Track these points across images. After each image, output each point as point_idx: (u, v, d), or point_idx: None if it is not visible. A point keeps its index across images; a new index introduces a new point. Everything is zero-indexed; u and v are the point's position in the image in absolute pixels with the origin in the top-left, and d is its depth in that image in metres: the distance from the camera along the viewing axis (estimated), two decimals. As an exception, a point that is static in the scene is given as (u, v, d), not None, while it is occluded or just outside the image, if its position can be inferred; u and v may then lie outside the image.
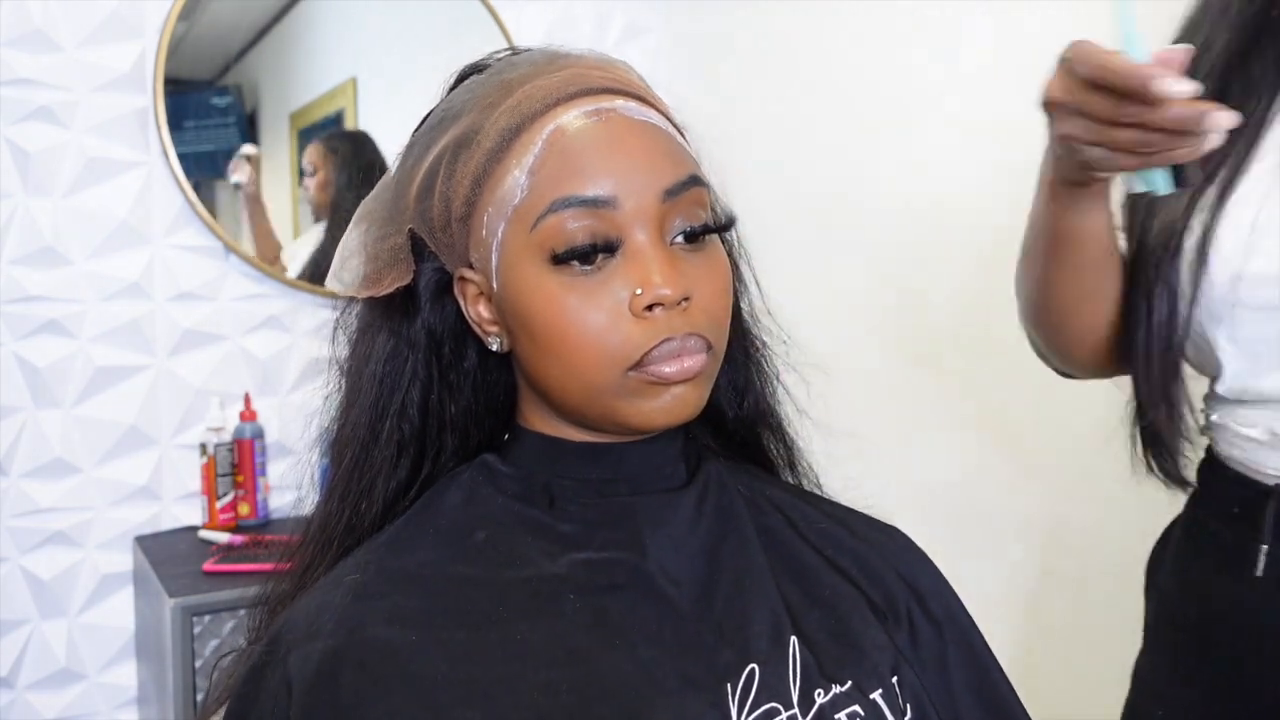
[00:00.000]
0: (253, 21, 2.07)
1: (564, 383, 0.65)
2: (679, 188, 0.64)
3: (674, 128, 0.69)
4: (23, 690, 1.88)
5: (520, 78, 0.66)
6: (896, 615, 0.70)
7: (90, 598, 1.92)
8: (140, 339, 1.93)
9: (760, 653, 0.63)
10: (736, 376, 0.76)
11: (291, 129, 2.12)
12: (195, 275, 1.97)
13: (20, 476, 1.86)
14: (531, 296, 0.63)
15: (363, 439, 0.70)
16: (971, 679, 0.72)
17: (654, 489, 0.69)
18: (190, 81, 2.00)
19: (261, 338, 2.04)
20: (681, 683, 0.61)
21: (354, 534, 0.70)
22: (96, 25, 1.86)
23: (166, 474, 1.98)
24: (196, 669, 1.65)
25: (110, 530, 1.93)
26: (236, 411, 1.98)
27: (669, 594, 0.65)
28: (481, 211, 0.65)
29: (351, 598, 0.63)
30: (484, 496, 0.69)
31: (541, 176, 0.63)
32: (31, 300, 1.84)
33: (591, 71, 0.67)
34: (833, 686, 0.63)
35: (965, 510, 1.74)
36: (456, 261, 0.68)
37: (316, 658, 0.61)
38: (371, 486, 0.70)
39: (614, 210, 0.62)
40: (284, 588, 0.72)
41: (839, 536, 0.73)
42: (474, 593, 0.64)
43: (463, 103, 0.67)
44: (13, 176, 1.82)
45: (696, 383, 0.64)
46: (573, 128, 0.63)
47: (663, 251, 0.63)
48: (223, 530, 1.92)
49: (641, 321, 0.62)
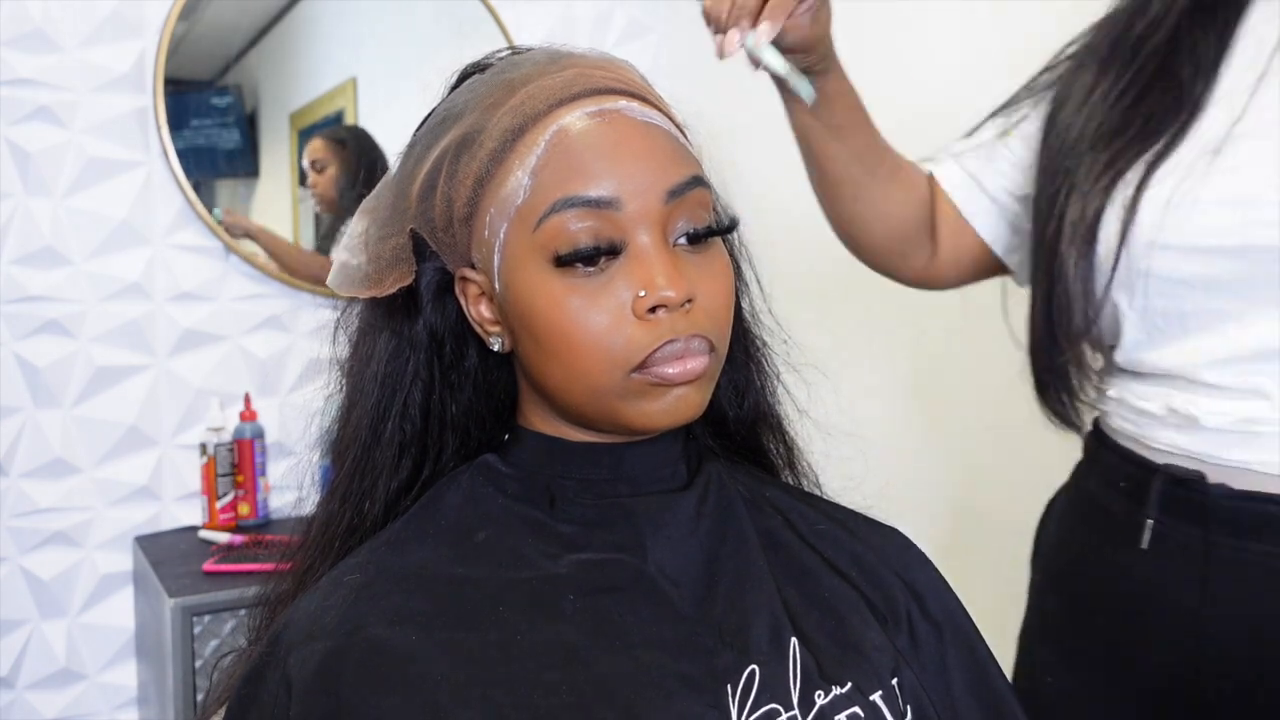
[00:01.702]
0: (253, 21, 2.07)
1: (566, 384, 0.65)
2: (682, 188, 0.64)
3: (676, 128, 0.69)
4: (23, 690, 1.88)
5: (523, 77, 0.66)
6: (896, 616, 0.70)
7: (90, 598, 1.92)
8: (140, 339, 1.93)
9: (760, 654, 0.63)
10: (737, 376, 0.76)
11: (291, 129, 2.12)
12: (195, 275, 1.97)
13: (20, 476, 1.86)
14: (534, 297, 0.63)
15: (364, 440, 0.69)
16: (971, 680, 0.72)
17: (654, 490, 0.69)
18: (190, 81, 2.00)
19: (261, 338, 2.04)
20: (681, 684, 0.61)
21: (356, 534, 0.70)
22: (96, 25, 1.86)
23: (166, 474, 1.98)
24: (196, 669, 1.65)
25: (110, 530, 1.93)
26: (236, 411, 1.98)
27: (669, 595, 0.65)
28: (484, 212, 0.65)
29: (352, 598, 0.63)
30: (484, 497, 0.69)
31: (544, 177, 0.63)
32: (31, 300, 1.84)
33: (594, 71, 0.66)
34: (833, 688, 0.63)
35: (965, 511, 1.74)
36: (458, 261, 0.68)
37: (317, 658, 0.61)
38: (373, 487, 0.70)
39: (617, 211, 0.62)
40: (285, 588, 0.72)
41: (839, 538, 0.73)
42: (474, 593, 0.63)
43: (465, 102, 0.67)
44: (13, 176, 1.82)
45: (699, 384, 0.64)
46: (576, 128, 0.63)
47: (666, 253, 0.63)
48: (223, 530, 1.92)
49: (644, 323, 0.62)
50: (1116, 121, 0.88)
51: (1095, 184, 0.87)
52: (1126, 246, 0.85)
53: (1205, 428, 0.85)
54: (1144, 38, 0.89)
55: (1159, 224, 0.84)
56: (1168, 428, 0.88)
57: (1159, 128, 0.86)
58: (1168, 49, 0.89)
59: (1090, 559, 0.94)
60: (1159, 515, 0.87)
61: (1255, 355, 0.83)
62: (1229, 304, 0.84)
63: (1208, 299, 0.84)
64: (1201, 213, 0.83)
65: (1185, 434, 0.87)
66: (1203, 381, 0.85)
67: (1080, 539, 0.96)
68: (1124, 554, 0.90)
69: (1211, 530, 0.85)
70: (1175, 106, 0.86)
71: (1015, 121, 1.00)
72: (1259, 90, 0.85)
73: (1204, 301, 0.84)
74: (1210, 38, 0.88)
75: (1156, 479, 0.87)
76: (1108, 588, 0.91)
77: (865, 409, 1.74)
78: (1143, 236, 0.85)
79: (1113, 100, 0.89)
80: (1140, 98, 0.88)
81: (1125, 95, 0.89)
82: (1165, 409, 0.88)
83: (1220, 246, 0.82)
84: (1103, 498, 0.94)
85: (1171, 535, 0.87)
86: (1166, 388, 0.88)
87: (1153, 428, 0.89)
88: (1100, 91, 0.90)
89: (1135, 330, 0.88)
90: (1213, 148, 0.84)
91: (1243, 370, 0.84)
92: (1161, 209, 0.84)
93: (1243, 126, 0.84)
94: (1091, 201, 0.87)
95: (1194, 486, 0.86)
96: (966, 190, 1.02)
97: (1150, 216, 0.84)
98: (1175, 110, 0.86)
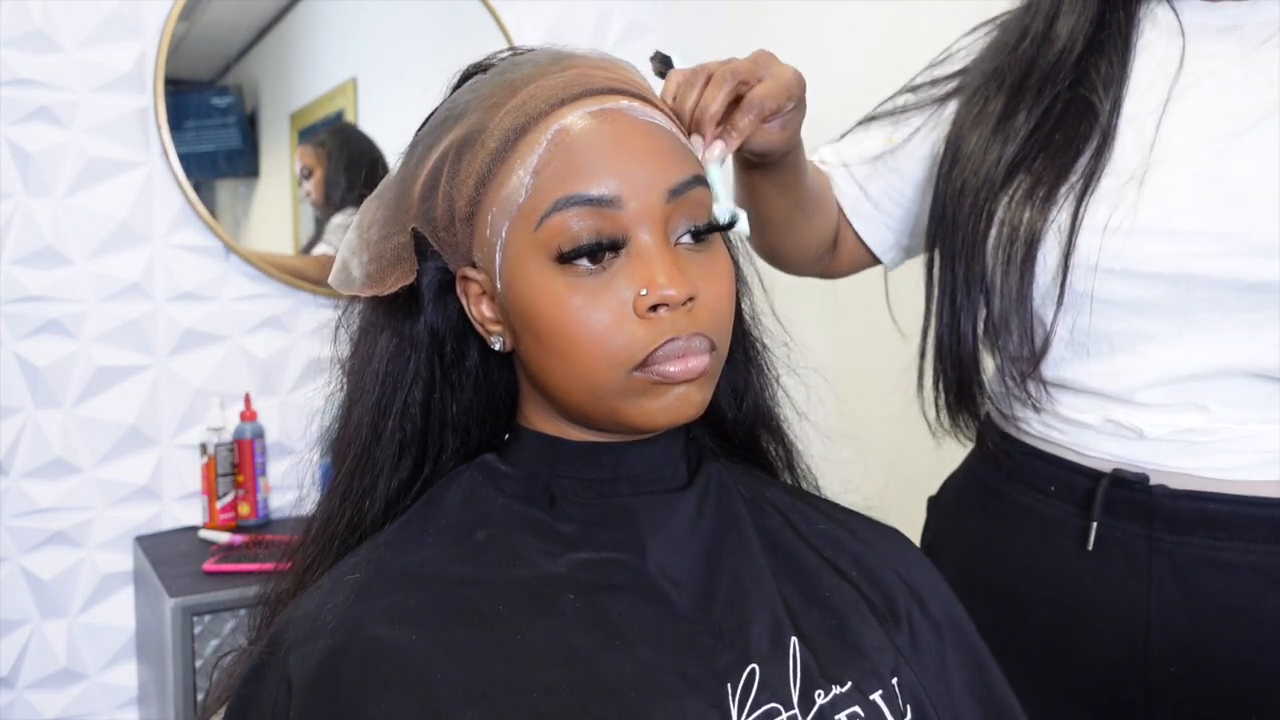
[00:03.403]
0: (253, 21, 2.07)
1: (568, 382, 0.65)
2: (683, 187, 0.64)
3: (677, 128, 0.69)
4: (23, 690, 1.88)
5: (524, 78, 0.66)
6: (896, 616, 0.71)
7: (90, 598, 1.92)
8: (140, 339, 1.93)
9: (760, 653, 0.63)
10: (736, 378, 0.76)
11: (291, 129, 2.12)
12: (195, 275, 1.97)
13: (20, 476, 1.86)
14: (536, 296, 0.63)
15: (365, 438, 0.70)
16: (970, 680, 0.72)
17: (655, 489, 0.69)
18: (190, 81, 2.00)
19: (261, 338, 2.04)
20: (681, 683, 0.61)
21: (356, 533, 0.70)
22: (96, 25, 1.86)
23: (167, 474, 1.98)
24: (196, 669, 1.65)
25: (110, 530, 1.93)
26: (237, 411, 1.98)
27: (669, 595, 0.65)
28: (485, 211, 0.65)
29: (352, 597, 0.63)
30: (484, 496, 0.69)
31: (546, 176, 0.63)
32: (31, 300, 1.84)
33: (595, 71, 0.67)
34: (833, 687, 0.63)
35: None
36: (459, 261, 0.68)
37: (317, 657, 0.61)
38: (374, 486, 0.70)
39: (618, 209, 0.62)
40: (285, 587, 0.72)
41: (839, 538, 0.73)
42: (474, 592, 0.64)
43: (466, 102, 0.67)
44: (13, 176, 1.82)
45: (701, 383, 0.65)
46: (577, 127, 0.63)
47: (668, 252, 0.63)
48: (223, 530, 1.92)
49: (646, 322, 0.62)
50: (1035, 148, 0.90)
51: (1027, 206, 0.88)
52: (1070, 271, 0.87)
53: (1148, 438, 0.88)
54: (1055, 66, 0.91)
55: (1098, 248, 0.86)
56: (1104, 437, 0.90)
57: (1078, 151, 0.88)
58: (1075, 75, 0.91)
59: (1022, 559, 0.95)
60: (1103, 517, 0.89)
61: (1189, 378, 0.86)
62: (1159, 326, 0.86)
63: (1137, 320, 0.87)
64: (1137, 242, 0.85)
65: (1126, 444, 0.89)
66: (1137, 402, 0.88)
67: (1005, 539, 0.97)
68: (1063, 556, 0.92)
69: (1155, 528, 0.87)
70: (1088, 133, 0.89)
71: (907, 135, 1.03)
72: (1165, 115, 0.87)
73: (1133, 322, 0.87)
74: (1113, 62, 0.90)
75: (1101, 485, 0.89)
76: (1047, 589, 0.93)
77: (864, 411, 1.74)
78: (1084, 261, 0.87)
79: (1031, 127, 0.91)
80: (1056, 126, 0.90)
81: (1042, 125, 0.91)
82: (1103, 420, 0.90)
83: (1158, 273, 0.85)
84: (1028, 500, 0.95)
85: (1113, 536, 0.89)
86: (1101, 401, 0.90)
87: (1087, 436, 0.91)
88: (1018, 120, 0.91)
89: (1062, 347, 0.90)
90: (1137, 175, 0.86)
91: (1176, 390, 0.87)
92: (1099, 234, 0.86)
93: (1158, 153, 0.86)
94: (1027, 223, 0.88)
95: (1137, 488, 0.88)
96: (857, 203, 1.07)
97: (1089, 241, 0.86)
98: (1088, 136, 0.89)
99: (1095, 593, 0.90)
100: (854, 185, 1.07)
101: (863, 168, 1.06)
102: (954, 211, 0.94)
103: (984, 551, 0.99)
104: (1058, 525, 0.92)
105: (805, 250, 1.08)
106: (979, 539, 1.00)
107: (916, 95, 1.04)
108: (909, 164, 1.04)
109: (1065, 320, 0.89)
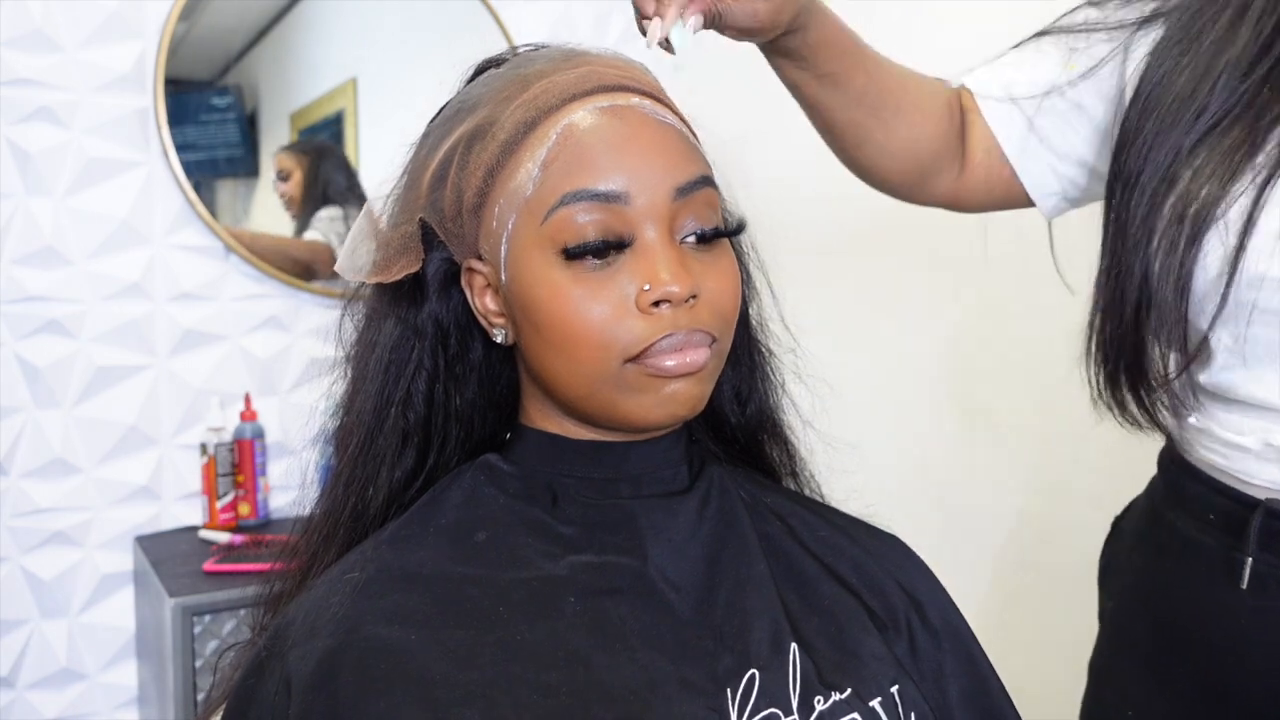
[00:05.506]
0: (253, 22, 2.07)
1: (567, 376, 0.65)
2: (691, 186, 0.64)
3: (687, 128, 0.69)
4: (23, 690, 1.88)
5: (537, 73, 0.67)
6: (896, 624, 0.70)
7: (90, 598, 1.92)
8: (140, 339, 1.93)
9: (760, 658, 0.63)
10: (740, 383, 0.76)
11: (292, 129, 2.12)
12: (195, 275, 1.97)
13: (20, 476, 1.86)
14: (539, 288, 0.63)
15: (368, 425, 0.70)
16: (969, 689, 0.72)
17: (656, 491, 0.69)
18: (190, 81, 2.00)
19: (261, 338, 2.04)
20: (681, 687, 0.61)
21: (360, 522, 0.70)
22: (96, 25, 1.86)
23: (167, 474, 1.98)
24: (196, 669, 1.65)
25: (110, 530, 1.93)
26: (237, 411, 1.98)
27: (669, 598, 0.65)
28: (493, 203, 0.65)
29: (352, 597, 0.63)
30: (485, 496, 0.69)
31: (554, 170, 0.63)
32: (31, 300, 1.84)
33: (608, 69, 0.67)
34: (832, 693, 0.63)
35: (964, 518, 1.74)
36: (465, 252, 0.68)
37: (316, 656, 0.61)
38: (376, 474, 0.70)
39: (625, 205, 0.62)
40: (288, 581, 0.73)
41: (839, 544, 0.73)
42: (474, 593, 0.64)
43: (479, 95, 0.68)
44: (13, 176, 1.82)
45: (698, 378, 0.65)
46: (586, 122, 0.64)
47: (672, 249, 0.63)
48: (223, 530, 1.92)
49: (647, 317, 0.62)
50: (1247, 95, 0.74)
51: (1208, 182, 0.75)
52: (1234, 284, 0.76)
53: None
54: None
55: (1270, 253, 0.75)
56: (1266, 463, 0.81)
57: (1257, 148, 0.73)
58: None
59: (1180, 593, 0.87)
60: (1258, 553, 0.81)
61: None
62: None
63: None
64: None
65: None
66: None
67: (1167, 570, 0.89)
68: (1220, 591, 0.84)
69: None
70: None
71: (1090, 65, 0.87)
72: None
73: None
74: None
75: (1256, 515, 0.80)
76: (1202, 623, 0.85)
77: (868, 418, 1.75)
78: (1251, 269, 0.76)
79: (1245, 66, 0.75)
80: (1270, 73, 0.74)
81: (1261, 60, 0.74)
82: (1263, 444, 0.81)
83: None
84: (1188, 529, 0.87)
85: (1271, 573, 0.81)
86: (1264, 421, 0.80)
87: (1247, 462, 0.82)
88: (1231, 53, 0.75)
89: (1227, 355, 0.80)
90: None
91: None
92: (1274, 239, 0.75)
93: None
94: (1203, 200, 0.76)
95: None
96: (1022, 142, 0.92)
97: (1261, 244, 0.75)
98: None
99: (1252, 634, 0.82)
100: (1019, 117, 0.91)
101: (1030, 100, 0.91)
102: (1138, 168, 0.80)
103: (1147, 577, 0.91)
104: (1215, 558, 0.84)
105: (894, 163, 0.94)
106: (1143, 570, 0.92)
107: (1102, 11, 0.88)
108: (1090, 99, 0.88)
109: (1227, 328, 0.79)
